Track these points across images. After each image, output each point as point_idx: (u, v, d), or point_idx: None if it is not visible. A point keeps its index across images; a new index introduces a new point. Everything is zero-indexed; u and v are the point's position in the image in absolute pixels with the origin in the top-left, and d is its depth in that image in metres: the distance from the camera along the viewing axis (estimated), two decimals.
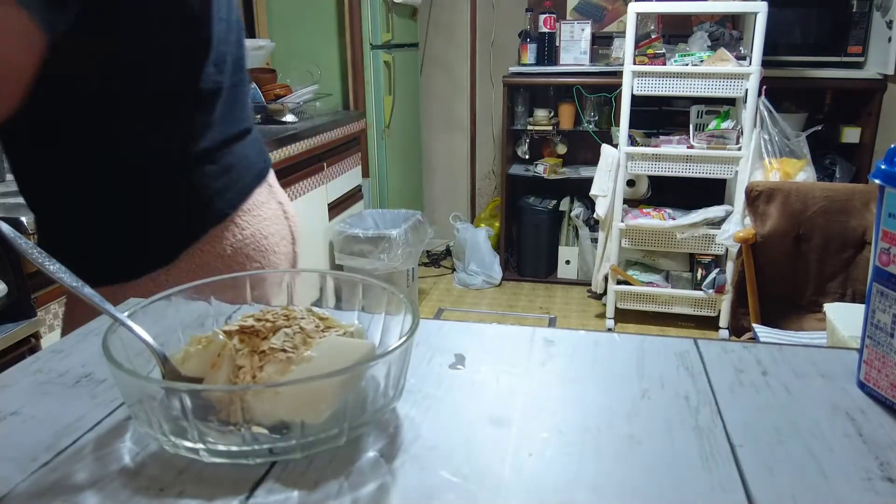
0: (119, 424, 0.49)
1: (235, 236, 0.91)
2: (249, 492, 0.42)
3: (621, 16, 3.33)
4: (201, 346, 0.49)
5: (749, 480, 0.43)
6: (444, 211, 3.93)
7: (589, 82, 3.22)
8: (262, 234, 0.95)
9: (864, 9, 2.83)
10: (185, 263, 0.87)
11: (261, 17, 3.00)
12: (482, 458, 0.45)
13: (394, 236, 2.62)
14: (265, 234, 0.96)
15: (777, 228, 1.96)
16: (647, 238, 2.91)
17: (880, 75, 2.78)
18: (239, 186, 0.92)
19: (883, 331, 0.51)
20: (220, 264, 0.89)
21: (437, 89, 3.80)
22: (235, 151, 0.93)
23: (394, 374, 0.47)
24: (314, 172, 2.51)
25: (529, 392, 0.54)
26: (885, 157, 0.49)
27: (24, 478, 0.43)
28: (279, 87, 2.58)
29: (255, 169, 0.97)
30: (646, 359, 0.59)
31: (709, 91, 2.64)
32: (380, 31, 3.01)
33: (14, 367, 0.58)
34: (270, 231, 0.97)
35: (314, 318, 0.52)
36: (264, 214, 0.96)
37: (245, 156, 0.95)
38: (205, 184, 0.87)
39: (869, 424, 0.49)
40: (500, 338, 0.64)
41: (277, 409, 0.43)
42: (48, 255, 0.49)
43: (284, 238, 1.01)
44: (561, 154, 3.50)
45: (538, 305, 3.32)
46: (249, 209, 0.93)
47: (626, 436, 0.47)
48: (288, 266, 1.04)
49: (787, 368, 0.57)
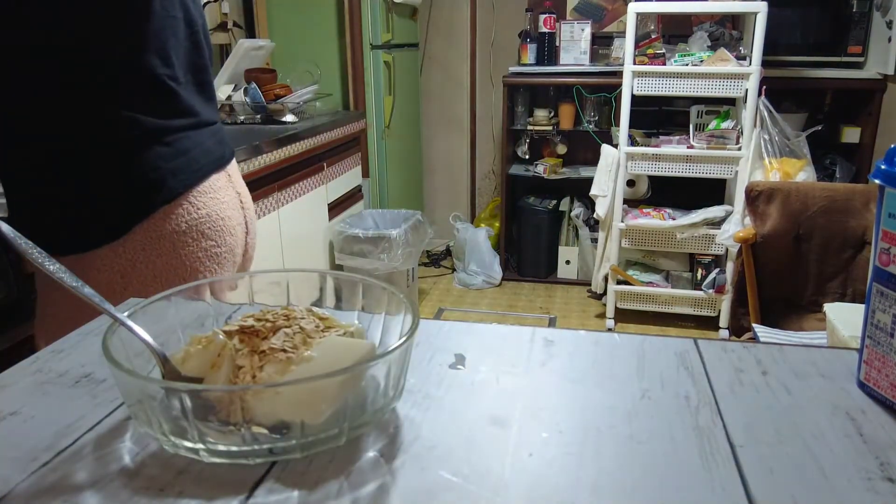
0: (119, 424, 0.49)
1: (191, 214, 0.97)
2: (249, 492, 0.42)
3: (621, 16, 3.33)
4: (201, 346, 0.49)
5: (749, 480, 0.43)
6: (444, 211, 3.93)
7: (589, 82, 3.22)
8: (219, 215, 1.01)
9: (864, 9, 2.83)
10: (140, 236, 0.92)
11: (261, 17, 3.00)
12: (482, 458, 0.45)
13: (394, 236, 2.62)
14: (221, 215, 1.02)
15: (777, 228, 1.96)
16: (647, 238, 2.91)
17: (880, 75, 2.78)
18: (193, 169, 0.98)
19: (883, 331, 0.51)
20: (175, 239, 0.95)
21: (437, 89, 3.80)
22: (192, 138, 0.99)
23: (394, 374, 0.47)
24: (314, 172, 2.51)
25: (529, 392, 0.54)
26: (885, 157, 0.49)
27: (24, 478, 0.43)
28: (279, 87, 2.57)
29: (213, 156, 1.03)
30: (646, 359, 0.59)
31: (709, 91, 2.64)
32: (380, 31, 3.01)
33: (14, 367, 0.58)
34: (227, 214, 1.03)
35: (314, 318, 0.52)
36: (221, 198, 1.02)
37: (201, 143, 1.01)
38: (156, 164, 0.93)
39: (869, 424, 0.49)
40: (500, 338, 0.64)
41: (277, 409, 0.43)
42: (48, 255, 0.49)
43: (239, 224, 1.08)
44: (561, 154, 3.50)
45: (538, 305, 3.32)
46: (205, 191, 0.99)
47: (626, 436, 0.47)
48: (241, 253, 1.10)
49: (787, 368, 0.57)
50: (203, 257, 0.99)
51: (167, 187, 0.94)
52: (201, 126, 1.02)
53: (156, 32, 0.92)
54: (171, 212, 0.94)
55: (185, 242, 0.96)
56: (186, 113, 0.99)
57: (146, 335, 0.49)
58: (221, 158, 1.05)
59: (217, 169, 1.03)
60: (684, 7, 2.73)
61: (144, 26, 0.90)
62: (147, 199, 0.93)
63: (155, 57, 0.92)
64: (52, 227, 0.92)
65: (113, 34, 0.89)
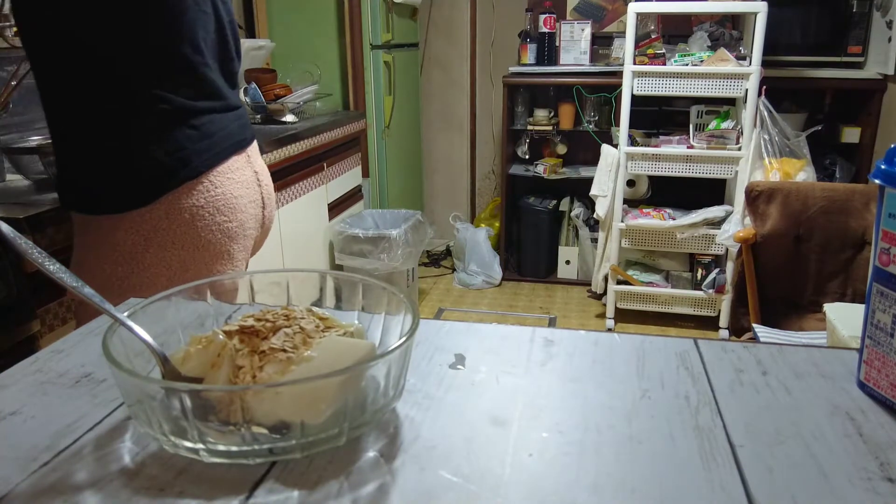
0: (119, 424, 0.49)
1: (209, 191, 1.09)
2: (249, 492, 0.42)
3: (621, 16, 3.33)
4: (201, 346, 0.49)
5: (749, 480, 0.43)
6: (444, 211, 3.93)
7: (589, 82, 3.22)
8: (232, 194, 1.13)
9: (864, 9, 2.83)
10: (164, 206, 1.05)
11: (261, 17, 3.00)
12: (482, 458, 0.45)
13: (394, 236, 2.62)
14: (234, 195, 1.14)
15: (777, 228, 1.96)
16: (647, 238, 2.91)
17: (880, 75, 2.78)
18: (214, 151, 1.10)
19: (883, 331, 0.51)
20: (194, 212, 1.08)
21: (437, 89, 3.80)
22: (217, 122, 1.12)
23: (394, 374, 0.47)
24: (314, 172, 2.51)
25: (529, 392, 0.54)
26: (885, 157, 0.49)
27: (24, 478, 0.43)
28: (279, 87, 2.57)
29: (234, 139, 1.15)
30: (646, 359, 0.59)
31: (709, 91, 2.64)
32: (380, 31, 3.01)
33: (14, 367, 0.58)
34: (240, 193, 1.15)
35: (314, 318, 0.52)
36: (237, 178, 1.15)
37: (225, 126, 1.14)
38: (184, 145, 1.06)
39: (869, 424, 0.49)
40: (500, 338, 0.64)
41: (277, 409, 0.43)
42: (48, 255, 0.49)
43: (254, 201, 1.20)
44: (561, 154, 3.50)
45: (538, 305, 3.32)
46: (224, 171, 1.12)
47: (626, 436, 0.47)
48: (257, 227, 1.22)
49: (787, 368, 0.57)
50: (216, 230, 1.12)
51: (191, 166, 1.07)
52: (227, 110, 1.15)
53: (189, 24, 1.06)
54: (193, 188, 1.07)
55: (202, 216, 1.09)
56: (214, 96, 1.12)
57: (146, 335, 0.49)
58: (243, 141, 1.18)
59: (237, 151, 1.16)
60: (684, 7, 2.73)
61: (180, 18, 1.04)
62: (174, 174, 1.05)
63: (187, 45, 1.05)
64: (93, 187, 1.06)
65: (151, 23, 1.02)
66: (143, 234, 1.05)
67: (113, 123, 1.03)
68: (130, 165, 1.04)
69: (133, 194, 1.05)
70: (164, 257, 1.07)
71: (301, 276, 0.61)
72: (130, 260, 1.06)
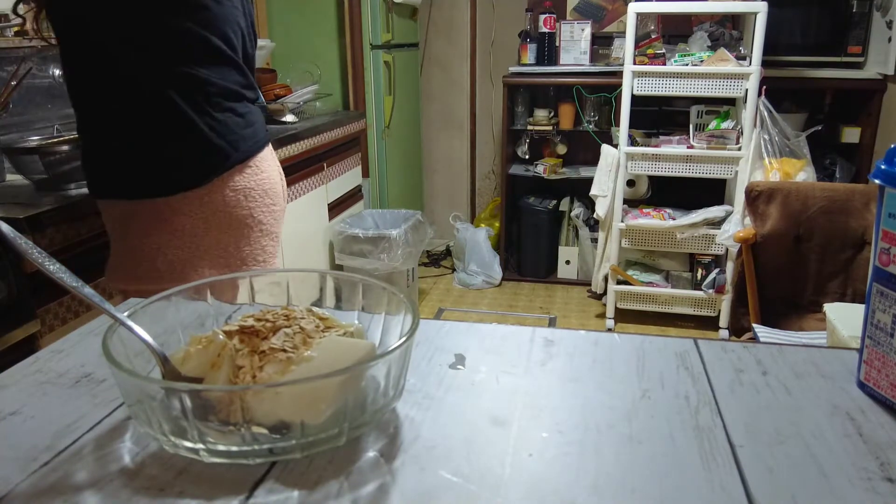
0: (119, 424, 0.49)
1: (257, 175, 1.18)
2: (249, 492, 0.42)
3: (621, 16, 3.33)
4: (201, 346, 0.49)
5: (749, 480, 0.43)
6: (444, 211, 3.93)
7: (589, 82, 3.22)
8: (274, 179, 1.22)
9: (864, 9, 2.83)
10: (219, 188, 1.12)
11: (261, 17, 3.00)
12: (482, 458, 0.45)
13: (394, 236, 2.62)
14: (275, 180, 1.23)
15: (777, 228, 1.96)
16: (647, 238, 2.91)
17: (880, 75, 2.78)
18: (257, 138, 1.19)
19: (883, 331, 0.51)
20: (247, 193, 1.15)
21: (437, 89, 3.80)
22: (255, 113, 1.20)
23: (394, 374, 0.47)
24: (314, 172, 2.51)
25: (529, 392, 0.54)
26: (885, 157, 0.49)
27: (24, 478, 0.43)
28: (279, 87, 2.57)
29: (265, 131, 1.24)
30: (646, 359, 0.59)
31: (709, 91, 2.63)
32: (380, 31, 3.01)
33: (14, 367, 0.58)
34: (277, 180, 1.24)
35: (314, 318, 0.52)
36: (274, 166, 1.24)
37: (259, 119, 1.22)
38: (233, 129, 1.14)
39: (869, 424, 0.49)
40: (500, 338, 0.64)
41: (277, 409, 0.43)
42: (48, 255, 0.49)
43: (284, 189, 1.29)
44: (561, 154, 3.50)
45: (538, 305, 3.32)
46: (265, 158, 1.21)
47: (626, 436, 0.47)
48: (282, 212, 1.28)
49: (787, 368, 0.57)
50: (266, 212, 1.19)
51: (241, 150, 1.14)
52: (255, 102, 1.22)
53: (224, 17, 1.12)
54: (243, 170, 1.15)
55: (254, 197, 1.17)
56: (249, 87, 1.19)
57: (146, 335, 0.48)
58: (268, 134, 1.27)
59: (268, 142, 1.25)
60: (684, 7, 2.73)
61: (215, 10, 1.10)
62: (226, 157, 1.12)
63: (219, 38, 1.11)
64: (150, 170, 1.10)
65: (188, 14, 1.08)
66: (203, 217, 1.11)
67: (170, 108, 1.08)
68: (191, 147, 1.10)
69: (181, 176, 1.10)
70: (220, 240, 1.14)
71: (301, 276, 0.61)
72: (191, 244, 1.11)
